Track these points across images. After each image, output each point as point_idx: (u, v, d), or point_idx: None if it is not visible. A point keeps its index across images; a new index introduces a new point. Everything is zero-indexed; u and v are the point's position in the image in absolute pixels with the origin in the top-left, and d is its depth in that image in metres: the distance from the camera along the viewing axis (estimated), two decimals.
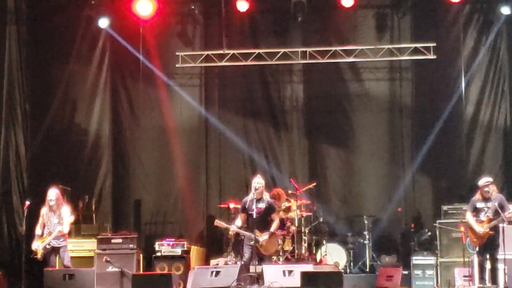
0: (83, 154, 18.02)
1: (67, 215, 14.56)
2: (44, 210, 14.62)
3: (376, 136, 17.90)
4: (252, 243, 14.08)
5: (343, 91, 18.08)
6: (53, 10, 17.96)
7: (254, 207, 14.13)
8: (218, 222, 14.82)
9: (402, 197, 17.58)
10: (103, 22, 17.73)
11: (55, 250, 14.59)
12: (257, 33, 18.08)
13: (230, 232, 15.48)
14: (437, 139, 17.53)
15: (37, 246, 14.40)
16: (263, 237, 14.19)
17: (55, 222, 14.48)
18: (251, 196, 14.28)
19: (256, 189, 14.19)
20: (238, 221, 14.46)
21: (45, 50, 17.98)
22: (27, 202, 14.96)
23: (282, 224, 15.63)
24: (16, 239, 16.77)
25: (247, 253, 14.31)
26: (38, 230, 14.53)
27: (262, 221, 14.27)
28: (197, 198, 18.07)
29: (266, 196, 14.50)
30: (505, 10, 17.05)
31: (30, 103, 17.88)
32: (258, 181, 14.32)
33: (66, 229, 14.56)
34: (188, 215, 18.06)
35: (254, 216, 14.10)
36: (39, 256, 14.44)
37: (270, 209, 14.35)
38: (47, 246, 14.47)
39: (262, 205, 14.29)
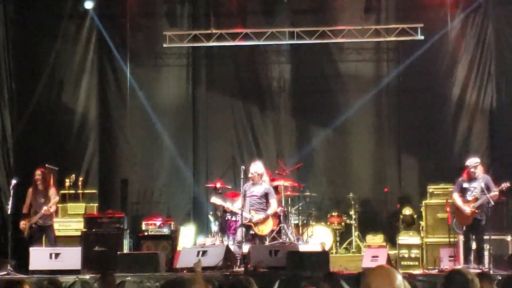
0: (70, 133, 17.92)
1: (53, 195, 14.57)
2: (30, 190, 14.60)
3: (363, 117, 17.86)
4: (246, 222, 14.24)
5: (330, 71, 18.01)
6: None
7: (253, 191, 14.55)
8: (214, 199, 14.99)
9: (389, 177, 17.56)
10: (88, 4, 17.54)
11: (41, 230, 14.61)
12: (245, 13, 17.95)
13: (226, 209, 15.58)
14: (424, 120, 17.53)
15: (24, 224, 14.41)
16: (256, 217, 14.35)
17: (41, 202, 14.49)
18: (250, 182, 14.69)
19: (252, 176, 14.44)
20: (238, 204, 14.68)
21: (31, 29, 17.82)
22: (13, 181, 14.89)
23: None
24: (2, 218, 16.68)
25: (239, 233, 14.43)
26: (24, 209, 14.53)
27: (259, 204, 14.52)
28: (184, 178, 18.00)
29: (264, 182, 14.69)
30: None
31: (16, 82, 17.73)
32: (253, 169, 14.59)
33: (52, 208, 14.56)
34: (175, 195, 18.01)
35: (250, 199, 14.51)
36: (25, 235, 14.43)
37: (267, 194, 14.58)
38: (33, 226, 14.46)
39: (258, 190, 14.53)
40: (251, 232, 14.53)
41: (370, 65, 18.07)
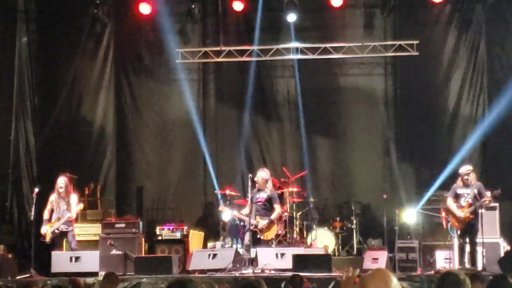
0: (88, 144, 18.02)
1: (75, 202, 14.65)
2: (53, 197, 14.70)
3: (363, 127, 17.91)
4: (252, 227, 14.33)
5: (332, 85, 18.07)
6: (60, 9, 17.95)
7: (259, 197, 14.68)
8: (222, 207, 15.12)
9: (388, 184, 17.59)
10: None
11: (63, 234, 14.71)
12: (252, 31, 18.03)
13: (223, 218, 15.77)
14: (421, 131, 17.56)
15: (46, 230, 14.48)
16: (261, 223, 14.43)
17: (63, 208, 14.56)
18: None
19: (258, 182, 14.55)
20: (246, 210, 14.73)
21: (53, 47, 17.97)
22: (36, 189, 15.04)
23: None
24: (25, 224, 16.81)
25: (247, 237, 14.51)
26: (46, 215, 14.63)
27: (264, 210, 14.72)
28: (195, 186, 18.09)
29: (269, 188, 14.77)
30: None
31: (38, 96, 17.92)
32: (259, 175, 14.74)
33: (74, 215, 14.64)
34: (187, 201, 18.08)
35: (255, 205, 14.63)
36: (47, 239, 14.51)
37: (271, 199, 14.67)
38: (56, 231, 14.54)
39: (263, 195, 14.68)
40: (258, 236, 14.60)
41: (370, 79, 18.11)
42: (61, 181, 14.69)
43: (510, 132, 17.18)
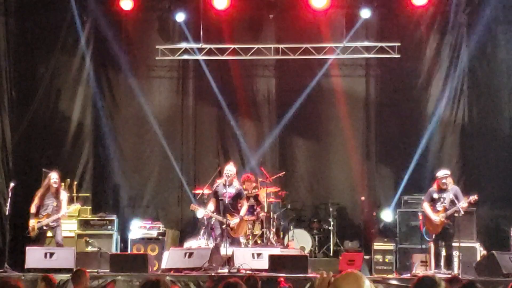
0: (66, 140, 17.94)
1: (65, 199, 14.61)
2: (41, 192, 14.57)
3: (343, 129, 17.95)
4: (224, 226, 14.28)
5: (313, 85, 18.10)
6: (40, 3, 17.86)
7: (226, 192, 14.47)
8: (194, 206, 15.05)
9: (365, 186, 17.66)
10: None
11: (50, 228, 14.62)
12: (233, 30, 18.04)
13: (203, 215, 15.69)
14: (399, 133, 17.65)
15: (34, 223, 14.40)
16: (233, 221, 14.42)
17: (53, 205, 14.47)
18: (222, 182, 14.51)
19: (227, 176, 14.45)
20: (211, 206, 14.69)
21: (32, 41, 17.86)
22: (12, 184, 14.94)
23: (253, 210, 15.73)
24: (0, 219, 16.68)
25: (218, 235, 14.49)
26: (33, 209, 14.51)
27: (231, 206, 14.57)
28: (172, 184, 18.06)
29: (236, 183, 14.76)
30: None
31: (16, 90, 17.76)
32: (229, 169, 14.65)
33: (67, 214, 14.67)
34: (164, 199, 18.07)
35: (223, 201, 14.47)
36: (32, 234, 14.43)
37: (239, 195, 14.64)
38: (45, 227, 14.47)
39: (231, 191, 14.62)
40: (229, 234, 14.55)
41: (350, 80, 18.17)
42: (55, 176, 14.64)
43: (489, 137, 17.32)
